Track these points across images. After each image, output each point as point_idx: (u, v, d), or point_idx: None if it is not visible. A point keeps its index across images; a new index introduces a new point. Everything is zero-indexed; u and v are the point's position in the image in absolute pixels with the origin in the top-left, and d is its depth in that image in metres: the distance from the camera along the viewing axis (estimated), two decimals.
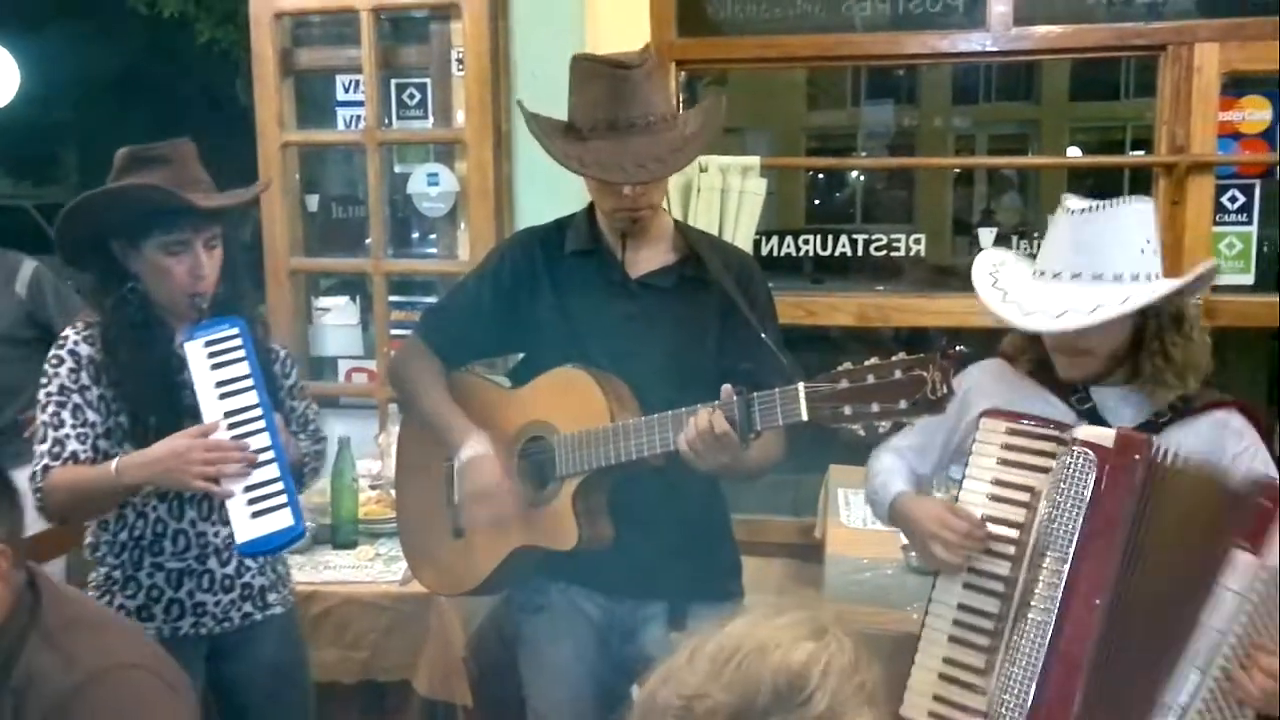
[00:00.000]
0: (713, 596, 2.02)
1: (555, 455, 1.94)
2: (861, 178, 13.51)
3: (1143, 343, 1.76)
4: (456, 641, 2.42)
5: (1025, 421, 1.79)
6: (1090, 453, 1.68)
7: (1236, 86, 3.16)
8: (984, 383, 1.91)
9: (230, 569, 2.08)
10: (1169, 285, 1.69)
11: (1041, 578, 1.69)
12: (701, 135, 1.93)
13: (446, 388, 2.09)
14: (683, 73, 3.39)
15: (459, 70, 3.38)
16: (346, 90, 3.63)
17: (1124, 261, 1.70)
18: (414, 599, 2.42)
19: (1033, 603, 1.69)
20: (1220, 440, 1.76)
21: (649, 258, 2.02)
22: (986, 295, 1.79)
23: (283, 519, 1.89)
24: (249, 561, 2.10)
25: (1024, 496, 1.76)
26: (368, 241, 3.50)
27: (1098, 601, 1.65)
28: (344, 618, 2.44)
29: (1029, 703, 1.68)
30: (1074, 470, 1.69)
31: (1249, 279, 3.27)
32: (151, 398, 1.97)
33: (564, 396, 1.94)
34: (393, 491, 2.49)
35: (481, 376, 2.18)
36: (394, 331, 3.37)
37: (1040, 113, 15.96)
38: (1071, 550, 1.67)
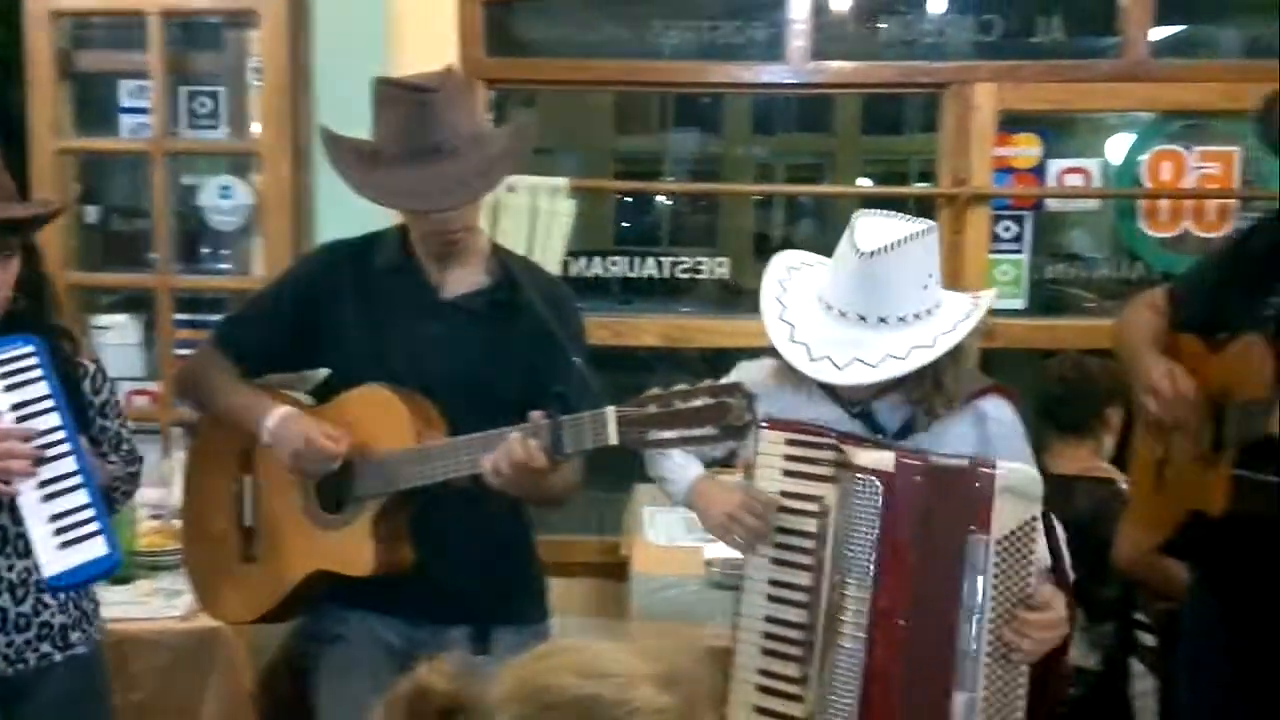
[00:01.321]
0: (518, 619, 2.00)
1: (355, 476, 1.88)
2: (669, 201, 13.79)
3: (920, 373, 1.76)
4: (244, 677, 2.31)
5: (803, 433, 1.83)
6: (875, 480, 1.71)
7: (1010, 124, 3.39)
8: (761, 383, 1.85)
9: (26, 607, 1.91)
10: (948, 343, 1.71)
11: (847, 605, 1.72)
12: (508, 158, 1.91)
13: (249, 383, 2.00)
14: (492, 91, 3.38)
15: (256, 80, 3.25)
16: (132, 96, 3.43)
17: (909, 302, 1.71)
18: (197, 634, 2.29)
19: (842, 630, 1.72)
20: (983, 426, 1.85)
21: (462, 278, 1.98)
22: (775, 331, 1.77)
23: (95, 548, 1.75)
24: (48, 599, 1.93)
25: (813, 507, 1.79)
26: (153, 256, 3.31)
27: (902, 622, 1.70)
28: (120, 657, 2.27)
29: None
30: (861, 497, 1.72)
31: (1021, 304, 3.52)
32: None
33: (367, 416, 1.88)
34: (175, 522, 2.36)
35: (278, 391, 2.10)
36: (180, 351, 3.18)
37: (834, 144, 16.73)
38: (871, 577, 1.71)
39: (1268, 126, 1.92)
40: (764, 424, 1.81)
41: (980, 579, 1.69)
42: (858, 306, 1.72)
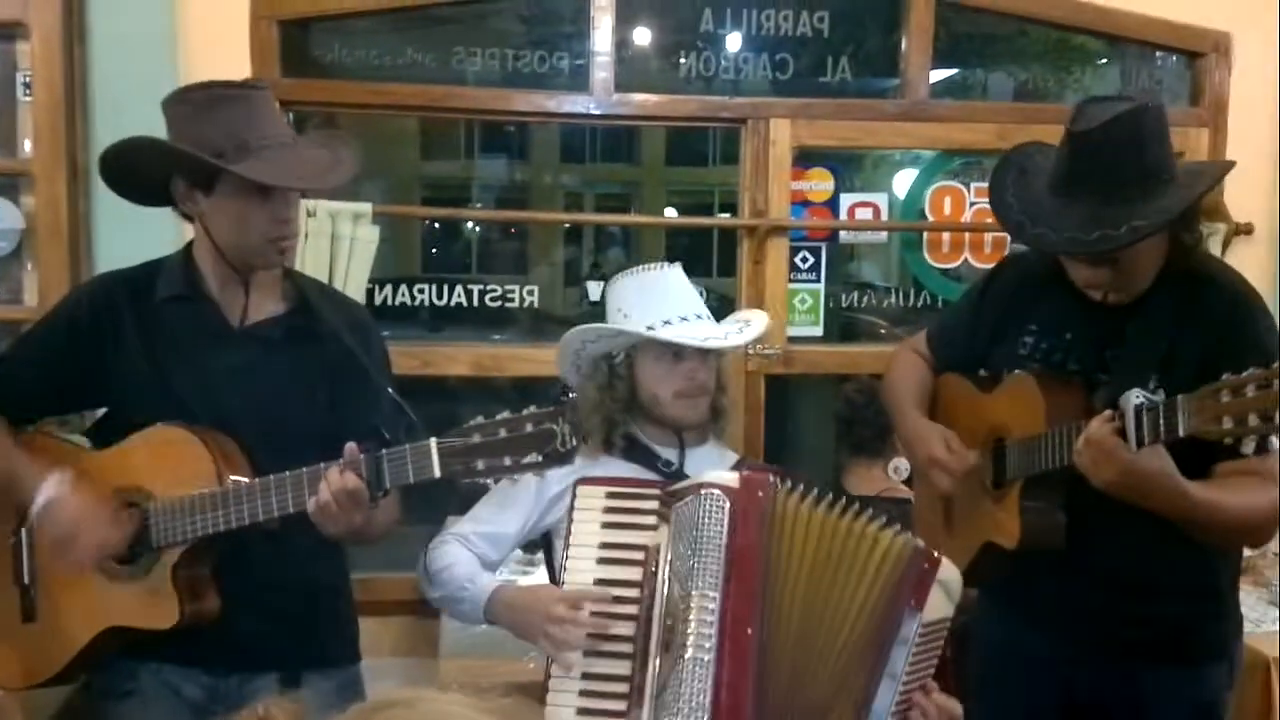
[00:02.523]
0: (327, 663, 1.93)
1: (151, 524, 1.77)
2: (476, 229, 13.69)
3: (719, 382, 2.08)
4: None
5: (623, 484, 1.82)
6: (719, 493, 1.69)
7: (805, 159, 3.54)
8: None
9: None
10: (761, 325, 2.10)
11: (692, 618, 1.64)
12: (350, 158, 1.86)
13: (14, 441, 1.85)
14: (290, 113, 3.26)
15: (26, 95, 3.03)
16: None
17: (701, 304, 2.09)
18: None
19: (688, 643, 1.63)
20: None
21: (255, 306, 1.89)
22: (650, 333, 1.99)
23: None
24: None
25: (636, 555, 1.75)
26: None
27: (750, 631, 1.65)
28: None
29: None
30: (707, 512, 1.68)
31: (818, 330, 3.67)
32: None
33: (161, 458, 1.78)
34: None
35: (55, 437, 1.95)
36: None
37: (641, 174, 17.06)
38: (719, 589, 1.65)
39: (993, 185, 1.99)
40: (581, 481, 1.81)
41: (905, 652, 1.67)
42: (694, 308, 2.06)
